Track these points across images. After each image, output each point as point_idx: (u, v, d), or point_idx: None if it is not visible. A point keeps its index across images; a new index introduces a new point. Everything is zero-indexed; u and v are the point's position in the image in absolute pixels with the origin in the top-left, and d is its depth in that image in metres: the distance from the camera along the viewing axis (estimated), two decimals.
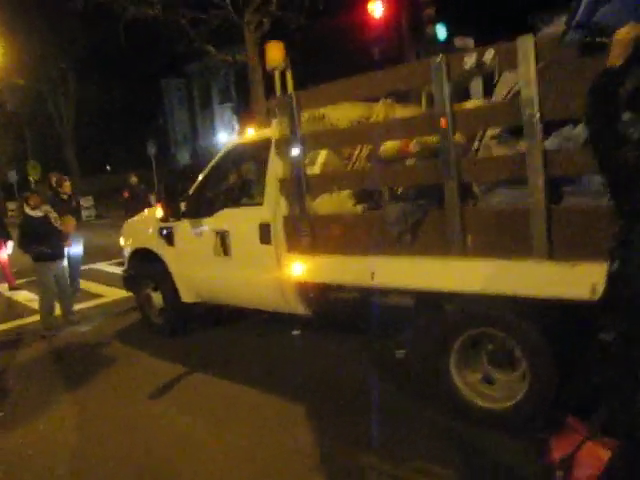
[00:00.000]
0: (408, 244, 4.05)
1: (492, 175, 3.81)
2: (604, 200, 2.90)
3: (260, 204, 5.27)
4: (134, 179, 11.88)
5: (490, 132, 4.19)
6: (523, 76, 3.50)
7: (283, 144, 4.75)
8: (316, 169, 4.84)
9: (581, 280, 3.25)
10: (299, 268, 4.74)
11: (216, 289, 5.95)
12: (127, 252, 7.08)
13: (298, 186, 4.62)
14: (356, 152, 4.89)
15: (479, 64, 3.71)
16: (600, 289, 2.61)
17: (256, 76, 16.54)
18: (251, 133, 5.97)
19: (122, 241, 7.30)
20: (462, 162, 3.80)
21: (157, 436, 4.33)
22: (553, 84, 3.39)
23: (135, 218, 7.38)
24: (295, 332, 6.14)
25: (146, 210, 7.75)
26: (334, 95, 4.52)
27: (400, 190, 4.45)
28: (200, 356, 5.99)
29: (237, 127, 36.89)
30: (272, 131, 4.87)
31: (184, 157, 56.27)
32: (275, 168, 4.92)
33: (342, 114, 4.88)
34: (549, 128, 3.54)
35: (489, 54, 3.67)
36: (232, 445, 4.09)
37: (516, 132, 3.81)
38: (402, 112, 4.84)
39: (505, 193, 3.81)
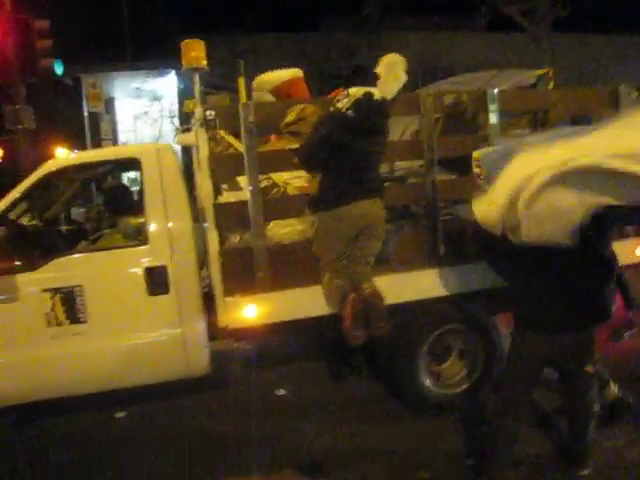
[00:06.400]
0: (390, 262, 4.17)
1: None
2: None
3: (140, 243, 4.09)
4: None
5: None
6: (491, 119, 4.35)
7: (226, 162, 3.96)
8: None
9: None
10: (252, 311, 3.98)
11: (44, 376, 4.00)
12: None
13: (256, 212, 3.94)
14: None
15: (455, 103, 4.33)
16: None
17: None
18: (86, 152, 4.38)
19: None
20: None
21: None
22: None
23: None
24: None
25: None
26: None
27: None
28: None
29: None
30: (201, 145, 3.92)
31: None
32: (200, 191, 4.01)
33: None
34: None
35: (464, 96, 4.35)
36: None
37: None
38: None
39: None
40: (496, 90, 4.39)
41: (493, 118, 4.34)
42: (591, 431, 3.52)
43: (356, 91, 3.76)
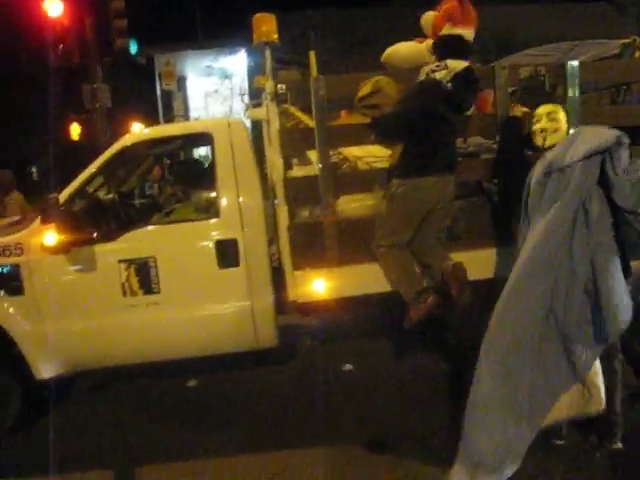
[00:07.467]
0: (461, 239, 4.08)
1: None
2: None
3: (212, 216, 4.16)
4: None
5: None
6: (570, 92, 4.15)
7: (297, 137, 3.96)
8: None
9: None
10: (320, 285, 3.99)
11: (119, 343, 4.17)
12: None
13: (326, 186, 3.94)
14: None
15: (532, 76, 4.16)
16: None
17: None
18: (159, 127, 4.51)
19: None
20: None
21: None
22: None
23: None
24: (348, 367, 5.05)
25: None
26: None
27: None
28: None
29: None
30: (270, 118, 3.93)
31: None
32: (271, 165, 4.02)
33: None
34: None
35: (541, 69, 4.17)
36: None
37: None
38: None
39: None
40: (576, 62, 4.19)
41: (572, 91, 4.15)
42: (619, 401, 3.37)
43: (456, 64, 3.64)
